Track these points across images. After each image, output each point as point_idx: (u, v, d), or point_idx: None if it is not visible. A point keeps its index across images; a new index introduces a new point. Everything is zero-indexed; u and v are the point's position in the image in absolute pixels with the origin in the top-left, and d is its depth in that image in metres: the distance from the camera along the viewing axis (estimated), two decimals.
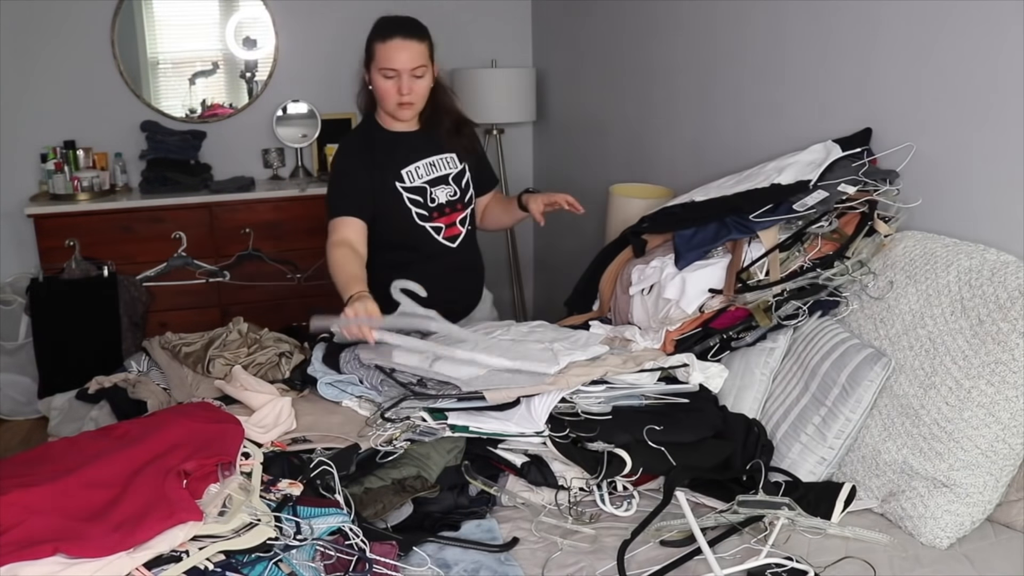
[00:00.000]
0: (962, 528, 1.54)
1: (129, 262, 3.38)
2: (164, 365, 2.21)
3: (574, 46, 3.61)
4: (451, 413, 1.74)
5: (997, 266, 1.65)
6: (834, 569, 1.43)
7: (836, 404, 1.70)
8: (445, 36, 3.94)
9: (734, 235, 1.98)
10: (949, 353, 1.63)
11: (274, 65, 3.79)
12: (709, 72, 2.70)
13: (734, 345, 1.92)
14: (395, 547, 1.43)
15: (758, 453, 1.72)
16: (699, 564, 1.42)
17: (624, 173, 3.22)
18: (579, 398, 1.73)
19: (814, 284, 1.86)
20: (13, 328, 3.39)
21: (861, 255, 1.86)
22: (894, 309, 1.77)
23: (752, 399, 1.85)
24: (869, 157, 1.99)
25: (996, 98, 1.74)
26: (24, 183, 3.56)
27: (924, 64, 1.90)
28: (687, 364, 1.84)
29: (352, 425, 1.79)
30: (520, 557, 1.48)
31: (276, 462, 1.58)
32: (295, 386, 2.01)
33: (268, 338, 2.21)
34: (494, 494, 1.65)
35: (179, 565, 1.26)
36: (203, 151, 3.68)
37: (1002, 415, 1.54)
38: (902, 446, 1.63)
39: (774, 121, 2.40)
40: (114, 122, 3.61)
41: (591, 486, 1.65)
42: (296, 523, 1.39)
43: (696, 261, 2.01)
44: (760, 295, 1.87)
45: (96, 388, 2.14)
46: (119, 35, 3.56)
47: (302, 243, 3.56)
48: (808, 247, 1.92)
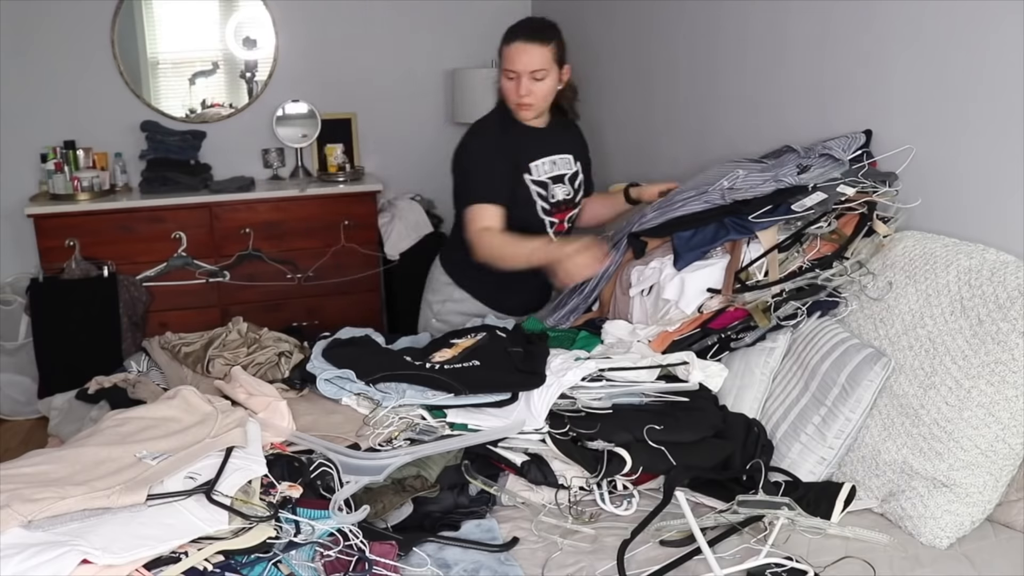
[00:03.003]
0: (962, 528, 1.54)
1: (129, 262, 3.38)
2: (164, 365, 2.21)
3: (574, 46, 3.60)
4: (450, 411, 1.74)
5: (997, 266, 1.65)
6: (834, 569, 1.43)
7: (836, 404, 1.70)
8: (445, 36, 3.99)
9: (733, 236, 1.98)
10: (949, 353, 1.62)
11: (274, 65, 3.78)
12: (709, 72, 2.70)
13: (733, 346, 1.92)
14: (395, 547, 1.42)
15: (758, 453, 1.72)
16: (699, 564, 1.42)
17: (624, 173, 3.21)
18: (580, 393, 1.74)
19: (813, 284, 1.86)
20: (13, 328, 3.39)
21: (860, 255, 1.86)
22: (894, 309, 1.76)
23: (752, 399, 1.85)
24: (869, 160, 1.99)
25: (995, 98, 1.74)
26: (24, 183, 3.56)
27: (924, 65, 1.90)
28: (687, 362, 1.84)
29: (352, 424, 1.79)
30: (520, 557, 1.48)
31: (276, 464, 1.58)
32: (295, 385, 2.01)
33: (268, 338, 2.21)
34: (494, 493, 1.65)
35: (178, 565, 1.26)
36: (203, 151, 3.68)
37: (1002, 415, 1.54)
38: (902, 446, 1.63)
39: (774, 121, 2.40)
40: (114, 122, 3.61)
41: (591, 485, 1.65)
42: (296, 524, 1.39)
43: (695, 262, 2.01)
44: (759, 295, 1.87)
45: (96, 388, 2.14)
46: (119, 35, 3.56)
47: (302, 243, 3.57)
48: (807, 248, 1.92)
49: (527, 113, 2.24)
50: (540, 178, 2.26)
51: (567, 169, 2.31)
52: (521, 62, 2.17)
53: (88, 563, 1.21)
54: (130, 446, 1.54)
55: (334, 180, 3.71)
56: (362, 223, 3.64)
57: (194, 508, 1.36)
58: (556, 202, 2.29)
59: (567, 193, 2.30)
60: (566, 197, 2.30)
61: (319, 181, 3.75)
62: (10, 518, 1.27)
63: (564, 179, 2.30)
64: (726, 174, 2.10)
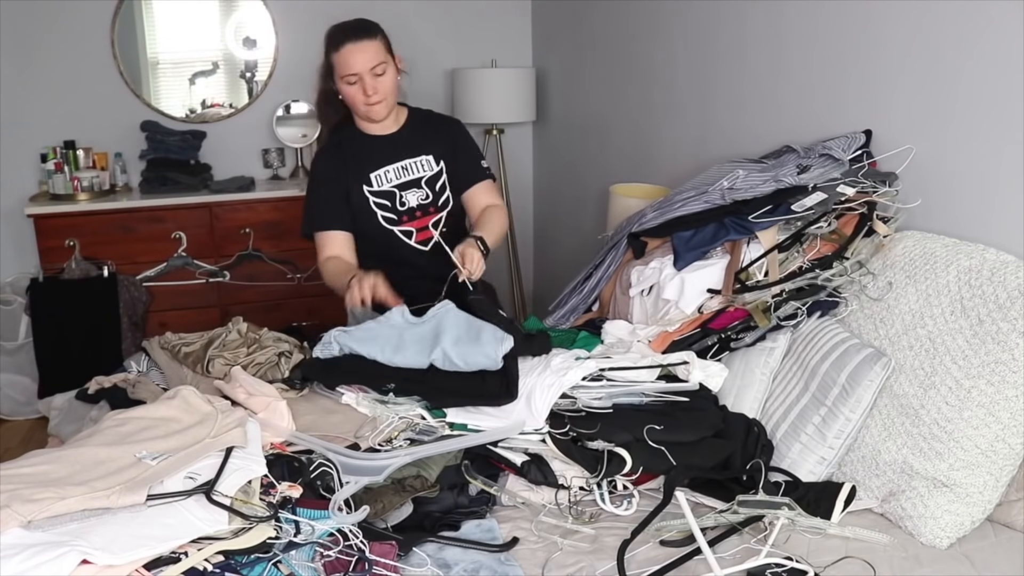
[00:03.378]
0: (962, 528, 1.54)
1: (129, 262, 3.38)
2: (164, 365, 2.21)
3: (574, 46, 3.61)
4: (449, 410, 1.74)
5: (997, 266, 1.65)
6: (834, 569, 1.43)
7: (836, 404, 1.70)
8: (445, 36, 3.99)
9: (732, 236, 1.98)
10: (949, 353, 1.62)
11: (274, 65, 3.79)
12: (709, 72, 2.70)
13: (733, 346, 1.92)
14: (395, 547, 1.42)
15: (758, 453, 1.72)
16: (699, 564, 1.42)
17: (624, 173, 3.22)
18: (580, 392, 1.74)
19: (813, 285, 1.86)
20: (13, 328, 3.39)
21: (860, 255, 1.86)
22: (894, 309, 1.76)
23: (752, 399, 1.85)
24: (869, 160, 1.99)
25: (996, 98, 1.74)
26: (24, 183, 3.56)
27: (924, 65, 1.90)
28: (687, 362, 1.84)
29: (351, 424, 1.79)
30: (520, 557, 1.48)
31: (276, 464, 1.58)
32: (294, 385, 2.01)
33: (267, 338, 2.20)
34: (494, 493, 1.65)
35: (178, 565, 1.26)
36: (203, 151, 3.68)
37: (1002, 415, 1.54)
38: (902, 446, 1.63)
39: (774, 121, 2.40)
40: (114, 122, 3.61)
41: (591, 485, 1.65)
42: (296, 524, 1.39)
43: (695, 262, 2.01)
44: (759, 295, 1.87)
45: (96, 388, 2.14)
46: (119, 35, 3.56)
47: (302, 243, 3.48)
48: (807, 248, 1.92)
49: (380, 111, 2.17)
50: (383, 188, 2.20)
51: (423, 171, 2.23)
52: (359, 62, 2.10)
53: (88, 563, 1.21)
54: (130, 446, 1.54)
55: None
56: None
57: (194, 508, 1.36)
58: (408, 208, 2.21)
59: (424, 197, 2.22)
60: (423, 201, 2.22)
61: None
62: (10, 518, 1.27)
63: (420, 183, 2.22)
64: (726, 174, 2.10)
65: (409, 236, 2.22)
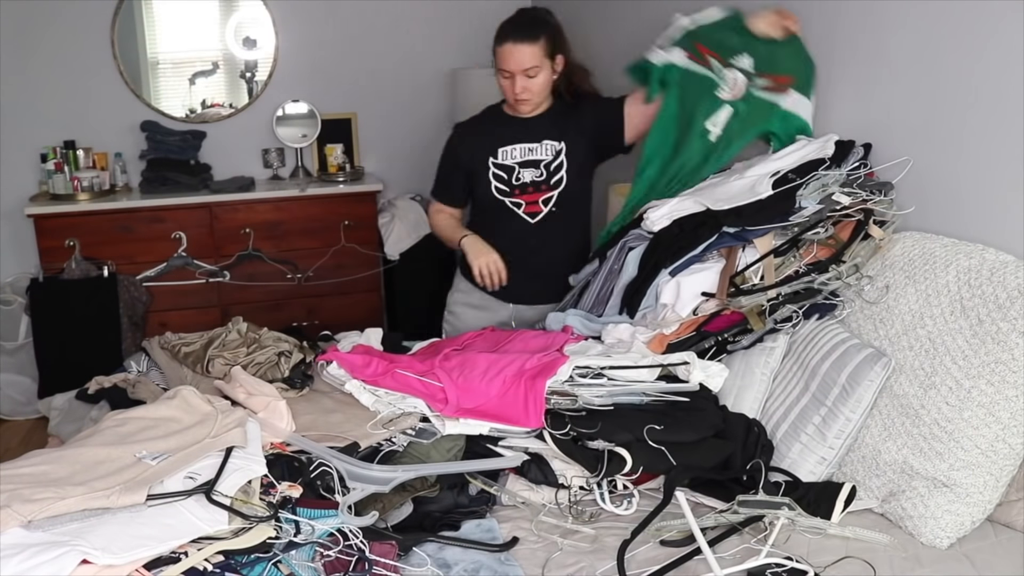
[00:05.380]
0: (962, 528, 1.54)
1: (129, 262, 3.38)
2: (164, 365, 2.21)
3: (574, 46, 3.60)
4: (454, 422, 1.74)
5: (996, 266, 1.65)
6: (834, 569, 1.43)
7: (836, 404, 1.70)
8: (445, 36, 3.98)
9: (728, 241, 1.98)
10: (949, 353, 1.62)
11: (274, 65, 3.78)
12: None
13: (730, 348, 1.92)
14: (395, 547, 1.43)
15: (758, 453, 1.72)
16: (699, 564, 1.42)
17: (624, 173, 3.21)
18: (581, 390, 1.74)
19: (809, 288, 1.86)
20: (13, 328, 3.39)
21: (857, 259, 1.85)
22: (894, 309, 1.76)
23: (752, 399, 1.85)
24: (866, 170, 1.98)
25: (995, 97, 1.74)
26: (24, 183, 3.56)
27: (924, 66, 1.90)
28: (687, 362, 1.84)
29: (351, 423, 1.79)
30: (520, 557, 1.48)
31: (276, 464, 1.58)
32: (294, 385, 2.01)
33: (267, 337, 2.21)
34: (494, 493, 1.65)
35: (178, 565, 1.26)
36: (203, 151, 3.68)
37: (1002, 415, 1.54)
38: (902, 446, 1.63)
39: None
40: (114, 122, 3.61)
41: (591, 485, 1.65)
42: (296, 524, 1.39)
43: (691, 265, 2.01)
44: (754, 299, 1.87)
45: (96, 388, 2.14)
46: (119, 35, 3.56)
47: (302, 243, 3.56)
48: (803, 252, 1.92)
49: (525, 107, 2.34)
50: (505, 162, 2.36)
51: (545, 156, 2.37)
52: (513, 61, 2.24)
53: (88, 563, 1.21)
54: (130, 446, 1.54)
55: (334, 180, 3.71)
56: (362, 223, 3.63)
57: (194, 508, 1.36)
58: (521, 183, 2.36)
59: (539, 175, 2.36)
60: (535, 179, 2.37)
61: (319, 181, 3.75)
62: (10, 518, 1.27)
63: (540, 164, 2.36)
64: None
65: (519, 207, 2.38)
